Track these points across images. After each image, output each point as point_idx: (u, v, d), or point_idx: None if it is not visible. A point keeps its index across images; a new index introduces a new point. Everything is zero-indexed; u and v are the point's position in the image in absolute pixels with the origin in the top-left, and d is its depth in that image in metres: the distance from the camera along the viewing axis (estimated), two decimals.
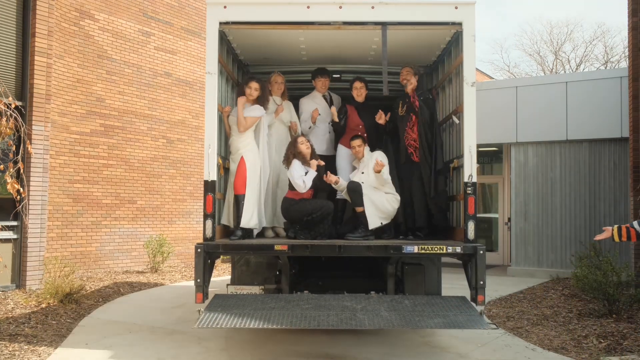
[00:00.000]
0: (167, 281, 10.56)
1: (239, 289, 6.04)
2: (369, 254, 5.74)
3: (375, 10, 5.69)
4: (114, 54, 11.52)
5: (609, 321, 6.92)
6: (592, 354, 5.60)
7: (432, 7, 5.76)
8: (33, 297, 7.81)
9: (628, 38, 9.55)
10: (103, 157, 11.24)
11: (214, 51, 5.70)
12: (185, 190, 12.94)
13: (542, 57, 33.71)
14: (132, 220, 11.77)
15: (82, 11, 10.98)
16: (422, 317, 4.95)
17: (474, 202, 5.54)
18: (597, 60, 32.69)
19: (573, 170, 11.47)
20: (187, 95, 13.00)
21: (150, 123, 12.17)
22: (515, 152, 11.96)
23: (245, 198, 6.04)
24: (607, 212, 11.10)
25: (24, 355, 5.38)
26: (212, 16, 5.72)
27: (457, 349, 5.72)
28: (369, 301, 5.35)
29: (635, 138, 9.15)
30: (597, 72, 14.93)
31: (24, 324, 6.57)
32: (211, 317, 4.92)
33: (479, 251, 5.37)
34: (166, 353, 5.50)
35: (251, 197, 6.08)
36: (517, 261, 11.80)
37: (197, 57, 13.19)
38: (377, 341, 5.98)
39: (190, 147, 13.06)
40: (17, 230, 8.55)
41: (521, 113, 11.88)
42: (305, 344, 5.83)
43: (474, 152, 5.59)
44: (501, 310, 7.82)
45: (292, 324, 4.81)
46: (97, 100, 11.17)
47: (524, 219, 11.76)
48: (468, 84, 5.63)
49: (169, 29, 12.66)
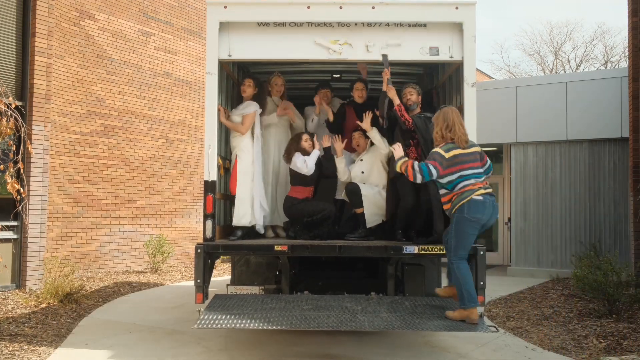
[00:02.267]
0: (167, 281, 10.56)
1: (239, 289, 6.04)
2: (369, 255, 5.74)
3: (376, 11, 5.69)
4: (114, 54, 11.52)
5: (609, 321, 6.92)
6: (592, 354, 5.60)
7: (432, 7, 5.75)
8: (33, 297, 7.81)
9: (628, 38, 9.55)
10: (103, 157, 11.24)
11: (214, 51, 5.70)
12: (185, 190, 12.94)
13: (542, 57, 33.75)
14: (132, 220, 11.76)
15: (82, 11, 10.98)
16: (423, 319, 4.94)
17: None
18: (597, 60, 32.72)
19: (573, 170, 11.47)
20: (187, 95, 13.00)
21: (150, 123, 12.16)
22: (515, 152, 11.96)
23: (237, 197, 6.10)
24: (607, 212, 11.10)
25: (24, 355, 5.38)
26: (212, 16, 5.72)
27: (457, 349, 5.72)
28: (369, 302, 5.36)
29: (635, 138, 9.15)
30: (597, 72, 14.93)
31: (24, 324, 6.57)
32: (211, 317, 4.92)
33: (479, 252, 5.37)
34: (166, 353, 5.49)
35: (243, 196, 6.10)
36: (517, 261, 11.80)
37: (197, 57, 13.19)
38: (377, 341, 5.98)
39: (190, 147, 13.06)
40: (17, 230, 8.55)
41: (521, 113, 11.88)
42: (305, 344, 5.83)
43: None
44: (501, 310, 7.82)
45: (292, 324, 4.81)
46: (97, 100, 11.17)
47: (524, 219, 11.76)
48: (468, 84, 5.63)
49: (169, 29, 12.65)
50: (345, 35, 5.78)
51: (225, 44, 5.75)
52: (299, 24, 5.76)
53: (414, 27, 5.80)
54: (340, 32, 5.80)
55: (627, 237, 10.46)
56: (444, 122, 5.02)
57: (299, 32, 5.76)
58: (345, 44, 5.76)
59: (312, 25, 5.77)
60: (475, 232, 4.97)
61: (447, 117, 5.04)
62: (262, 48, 5.79)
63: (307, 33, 5.76)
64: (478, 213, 4.88)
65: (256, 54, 5.88)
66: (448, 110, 5.10)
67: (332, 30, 5.79)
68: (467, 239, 4.94)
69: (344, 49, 5.75)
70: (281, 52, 5.83)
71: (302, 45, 5.75)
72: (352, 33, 5.79)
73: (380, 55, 5.73)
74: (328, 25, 5.77)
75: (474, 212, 4.88)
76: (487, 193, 5.00)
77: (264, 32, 5.77)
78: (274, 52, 5.83)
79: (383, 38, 5.75)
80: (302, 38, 5.75)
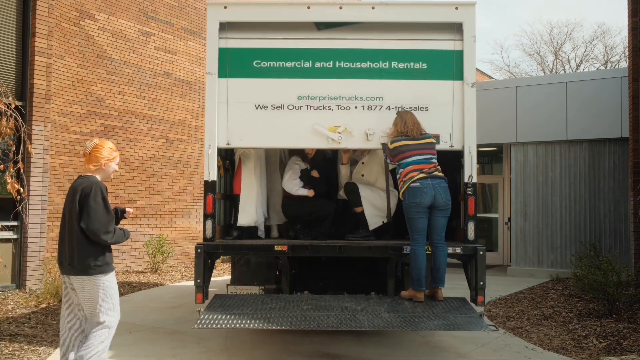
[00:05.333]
0: (167, 281, 10.56)
1: (239, 289, 6.05)
2: (369, 255, 5.74)
3: (376, 11, 5.68)
4: (114, 54, 11.52)
5: (609, 321, 6.92)
6: (592, 354, 5.60)
7: (432, 7, 5.75)
8: (33, 297, 7.81)
9: (628, 38, 9.54)
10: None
11: (214, 51, 5.70)
12: (185, 190, 12.94)
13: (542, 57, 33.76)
14: (132, 220, 11.76)
15: (82, 11, 10.98)
16: (422, 318, 4.95)
17: (474, 202, 5.55)
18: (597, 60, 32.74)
19: (573, 170, 11.47)
20: (187, 95, 13.00)
21: (150, 123, 12.16)
22: (515, 152, 11.96)
23: (241, 198, 6.11)
24: (607, 212, 11.10)
25: (24, 355, 5.38)
26: (212, 16, 5.71)
27: (457, 349, 5.72)
28: (369, 302, 5.36)
29: (635, 138, 9.15)
30: (597, 72, 14.93)
31: (24, 324, 6.57)
32: (211, 317, 4.92)
33: (479, 252, 5.37)
34: (166, 353, 5.49)
35: (247, 197, 6.11)
36: (517, 261, 11.80)
37: (197, 57, 13.19)
38: (377, 341, 5.98)
39: (190, 147, 13.06)
40: (17, 230, 8.55)
41: (521, 113, 11.88)
42: (305, 344, 5.83)
43: (474, 152, 5.59)
44: (501, 310, 7.82)
45: (292, 324, 4.81)
46: (97, 100, 11.17)
47: (524, 218, 11.76)
48: (468, 84, 5.64)
49: (169, 29, 12.65)
50: (345, 121, 5.64)
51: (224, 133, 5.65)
52: (297, 107, 5.63)
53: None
54: (340, 117, 5.65)
55: (627, 237, 10.45)
56: (401, 121, 5.44)
57: (298, 116, 5.64)
58: (345, 132, 5.65)
59: (310, 109, 5.66)
60: (422, 215, 5.26)
61: (402, 116, 5.47)
62: (260, 135, 5.65)
63: (306, 117, 5.64)
64: (417, 198, 5.22)
65: (254, 142, 5.75)
66: (403, 112, 5.52)
67: (331, 115, 5.65)
68: (416, 222, 5.27)
69: (344, 138, 5.65)
70: (279, 140, 5.73)
71: (301, 131, 5.64)
72: (352, 118, 5.65)
73: (379, 143, 5.67)
74: (327, 108, 5.66)
75: (412, 197, 5.24)
76: (428, 177, 5.26)
77: (262, 115, 5.65)
78: (272, 139, 5.71)
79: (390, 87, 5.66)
80: (301, 123, 5.63)
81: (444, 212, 5.32)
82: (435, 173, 5.31)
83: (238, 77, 5.68)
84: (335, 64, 5.70)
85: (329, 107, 5.68)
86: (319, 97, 5.68)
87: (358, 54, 5.70)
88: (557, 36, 39.32)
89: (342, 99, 5.68)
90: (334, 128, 5.64)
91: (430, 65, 5.70)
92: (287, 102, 5.67)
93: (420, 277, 5.27)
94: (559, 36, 40.28)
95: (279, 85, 5.66)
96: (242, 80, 5.68)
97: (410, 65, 5.69)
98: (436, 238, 5.34)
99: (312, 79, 5.67)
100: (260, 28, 5.74)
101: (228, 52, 5.68)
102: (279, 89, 5.66)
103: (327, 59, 5.70)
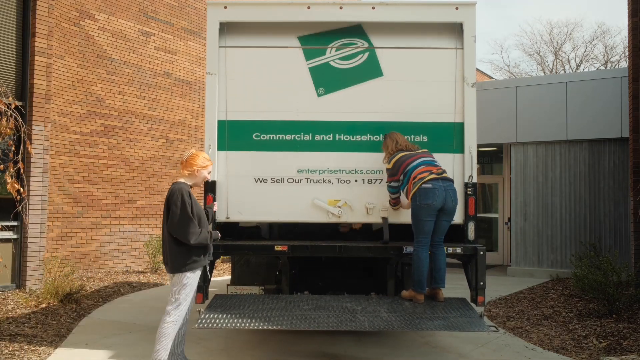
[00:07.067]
0: (167, 281, 10.55)
1: (239, 289, 6.04)
2: (369, 255, 5.74)
3: (376, 11, 5.69)
4: (114, 54, 11.52)
5: (609, 321, 6.92)
6: (592, 354, 5.60)
7: (432, 7, 5.76)
8: (33, 297, 7.81)
9: (628, 38, 9.55)
10: (103, 157, 11.24)
11: (214, 51, 5.70)
12: None
13: (542, 57, 33.77)
14: (132, 220, 11.77)
15: (82, 11, 10.98)
16: (422, 319, 4.94)
17: (474, 202, 5.55)
18: (597, 60, 32.75)
19: (573, 170, 11.48)
20: (187, 95, 13.00)
21: (150, 123, 12.16)
22: (515, 152, 11.96)
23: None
24: (607, 212, 11.10)
25: (24, 355, 5.38)
26: (212, 16, 5.72)
27: (457, 349, 5.72)
28: (369, 302, 5.35)
29: (635, 138, 9.15)
30: (597, 72, 14.92)
31: (24, 324, 6.57)
32: (211, 317, 4.92)
33: (479, 252, 5.38)
34: None
35: None
36: (517, 261, 11.80)
37: (197, 57, 13.19)
38: (377, 341, 5.98)
39: (190, 147, 13.06)
40: (17, 230, 8.55)
41: (521, 113, 11.88)
42: (305, 344, 5.83)
43: (474, 152, 5.60)
44: (501, 310, 7.82)
45: (292, 325, 4.81)
46: (97, 100, 11.17)
47: (524, 219, 11.76)
48: (468, 84, 5.64)
49: (169, 29, 12.65)
50: (345, 195, 5.67)
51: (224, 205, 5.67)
52: (297, 181, 5.65)
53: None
54: (340, 191, 5.67)
55: (627, 237, 10.46)
56: (392, 141, 5.45)
57: (298, 190, 5.66)
58: (345, 205, 5.68)
59: (310, 182, 5.68)
60: (431, 217, 5.22)
61: (392, 136, 5.49)
62: (259, 208, 5.69)
63: (305, 191, 5.66)
64: (428, 199, 5.16)
65: (253, 216, 5.77)
66: (390, 133, 5.53)
67: (331, 188, 5.68)
68: (423, 225, 5.22)
69: (343, 212, 5.68)
70: (279, 214, 5.73)
71: (301, 205, 5.66)
72: (352, 192, 5.67)
73: (380, 217, 5.68)
74: (327, 182, 5.68)
75: (424, 199, 5.17)
76: (439, 179, 5.21)
77: (262, 188, 5.68)
78: (271, 214, 5.73)
79: None
80: (300, 196, 5.65)
81: (450, 216, 5.30)
82: (444, 175, 5.29)
83: (238, 150, 5.71)
84: (335, 137, 5.71)
85: (329, 180, 5.70)
86: (318, 170, 5.70)
87: (358, 127, 5.71)
88: (557, 36, 39.40)
89: (342, 172, 5.69)
90: (334, 202, 5.68)
91: (430, 138, 5.71)
92: (287, 176, 5.69)
93: (422, 279, 5.27)
94: (559, 36, 40.35)
95: (279, 158, 5.67)
96: (241, 153, 5.70)
97: (411, 139, 5.69)
98: (437, 240, 5.34)
99: (312, 152, 5.68)
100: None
101: (228, 124, 5.70)
102: (279, 162, 5.67)
103: (327, 132, 5.70)
